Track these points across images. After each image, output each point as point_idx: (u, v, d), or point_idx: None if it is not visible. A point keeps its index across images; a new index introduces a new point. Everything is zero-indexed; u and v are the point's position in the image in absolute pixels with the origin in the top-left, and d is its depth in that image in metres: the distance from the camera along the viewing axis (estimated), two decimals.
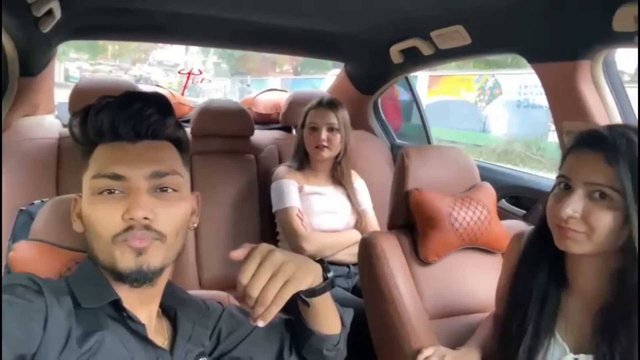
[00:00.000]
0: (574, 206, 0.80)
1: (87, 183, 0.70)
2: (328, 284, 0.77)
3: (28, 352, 0.56)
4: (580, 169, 0.82)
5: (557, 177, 0.87)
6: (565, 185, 0.84)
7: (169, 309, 0.81)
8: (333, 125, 1.83)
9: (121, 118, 0.69)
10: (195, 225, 0.80)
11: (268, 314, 0.64)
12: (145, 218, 0.66)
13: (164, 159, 0.71)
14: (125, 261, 0.66)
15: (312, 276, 0.73)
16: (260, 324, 0.64)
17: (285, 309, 0.67)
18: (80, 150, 0.73)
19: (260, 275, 0.64)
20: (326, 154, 1.84)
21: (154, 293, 0.74)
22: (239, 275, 0.64)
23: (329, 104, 1.86)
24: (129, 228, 0.66)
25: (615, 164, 0.78)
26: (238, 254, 0.67)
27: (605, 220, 0.79)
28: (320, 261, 0.77)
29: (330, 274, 0.77)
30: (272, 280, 0.64)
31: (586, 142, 0.84)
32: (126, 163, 0.68)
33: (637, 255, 0.77)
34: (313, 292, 0.75)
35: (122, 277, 0.67)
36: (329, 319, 0.85)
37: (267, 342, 0.89)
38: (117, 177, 0.67)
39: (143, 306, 0.73)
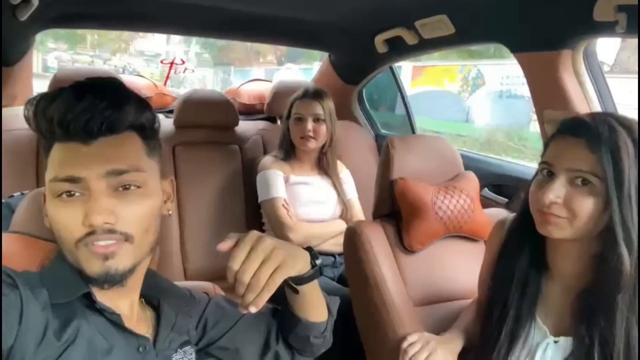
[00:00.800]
0: (556, 192, 0.81)
1: (48, 185, 0.66)
2: (316, 271, 0.77)
3: (4, 346, 0.55)
4: (562, 155, 0.84)
5: (540, 163, 0.88)
6: (548, 172, 0.85)
7: (152, 299, 0.81)
8: (319, 115, 1.83)
9: (70, 116, 0.63)
10: (170, 212, 0.77)
11: (259, 299, 0.64)
12: (106, 222, 0.63)
13: (122, 155, 0.66)
14: (92, 266, 0.64)
15: (301, 263, 0.73)
16: (252, 310, 0.64)
17: (272, 299, 0.67)
18: (41, 145, 0.69)
19: (251, 261, 0.64)
20: (312, 144, 1.84)
21: (129, 288, 0.71)
22: (230, 261, 0.64)
23: (315, 95, 1.85)
24: (91, 233, 0.63)
25: (597, 151, 0.79)
26: (225, 245, 0.66)
27: (586, 205, 0.80)
28: (309, 249, 0.77)
29: (318, 261, 0.77)
30: (264, 266, 0.64)
31: (568, 129, 0.85)
32: (81, 164, 0.63)
33: (616, 240, 0.79)
34: (302, 279, 0.75)
35: (90, 280, 0.65)
36: (316, 307, 0.86)
37: (254, 330, 0.89)
38: (73, 179, 0.63)
39: (122, 298, 0.72)
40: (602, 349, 0.81)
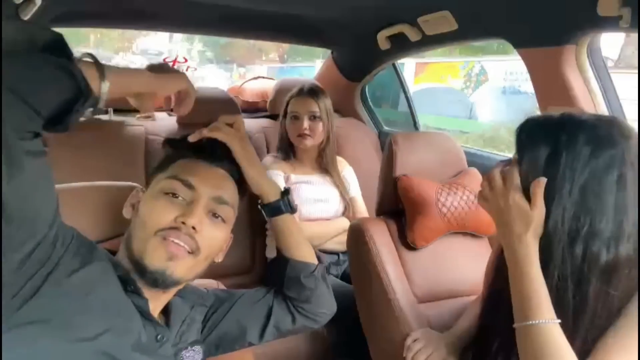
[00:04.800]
0: None
1: (161, 181, 0.77)
2: (286, 206, 0.90)
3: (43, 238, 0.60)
4: None
5: None
6: None
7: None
8: (314, 113, 1.82)
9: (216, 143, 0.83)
10: (219, 260, 0.85)
11: None
12: (194, 228, 0.72)
13: (230, 191, 0.81)
14: (155, 258, 0.70)
15: (273, 191, 0.89)
16: None
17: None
18: (165, 156, 0.84)
19: None
20: (309, 142, 1.83)
21: (165, 296, 0.78)
22: None
23: (310, 92, 1.84)
24: (176, 228, 0.71)
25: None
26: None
27: None
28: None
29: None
30: None
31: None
32: (201, 178, 0.77)
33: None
34: (273, 209, 0.89)
35: (144, 271, 0.70)
36: (299, 245, 0.93)
37: (255, 306, 0.92)
38: (189, 185, 0.75)
39: (153, 301, 0.75)
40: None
